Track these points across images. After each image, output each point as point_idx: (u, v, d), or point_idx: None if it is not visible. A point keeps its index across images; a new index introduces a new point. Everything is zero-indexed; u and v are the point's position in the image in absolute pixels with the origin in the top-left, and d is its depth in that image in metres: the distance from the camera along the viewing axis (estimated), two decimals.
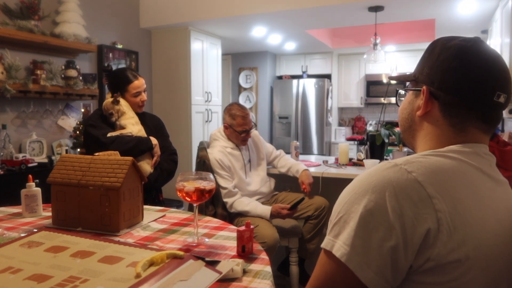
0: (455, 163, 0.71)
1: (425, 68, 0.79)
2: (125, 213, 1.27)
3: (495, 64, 0.74)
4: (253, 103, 6.18)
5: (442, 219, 0.63)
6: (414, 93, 0.82)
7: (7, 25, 2.82)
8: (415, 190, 0.64)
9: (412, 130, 0.83)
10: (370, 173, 0.69)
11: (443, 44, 0.77)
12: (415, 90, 0.81)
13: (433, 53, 0.78)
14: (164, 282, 0.83)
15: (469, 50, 0.74)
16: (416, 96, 0.81)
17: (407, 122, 0.84)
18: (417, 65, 0.82)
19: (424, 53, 0.81)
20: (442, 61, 0.75)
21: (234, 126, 2.41)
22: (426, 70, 0.78)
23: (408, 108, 0.83)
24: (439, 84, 0.75)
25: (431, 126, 0.78)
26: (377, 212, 0.64)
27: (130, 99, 2.15)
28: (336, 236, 0.66)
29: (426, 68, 0.78)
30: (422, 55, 0.82)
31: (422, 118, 0.79)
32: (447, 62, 0.74)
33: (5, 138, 2.76)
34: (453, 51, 0.75)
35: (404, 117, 0.85)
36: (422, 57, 0.82)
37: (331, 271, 0.66)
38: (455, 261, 0.63)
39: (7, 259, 0.95)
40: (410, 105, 0.83)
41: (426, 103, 0.77)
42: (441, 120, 0.76)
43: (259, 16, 3.88)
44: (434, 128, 0.78)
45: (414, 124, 0.82)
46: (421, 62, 0.81)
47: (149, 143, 2.10)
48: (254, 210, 2.28)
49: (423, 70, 0.79)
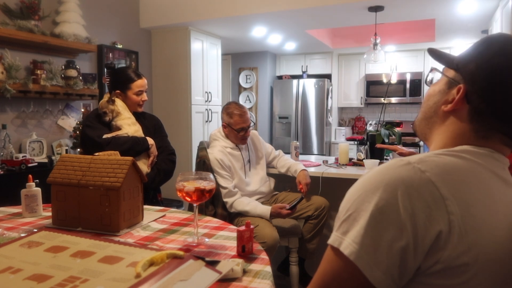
0: (469, 164, 0.69)
1: (471, 64, 0.72)
2: (125, 213, 1.27)
3: None
4: (253, 103, 6.18)
5: (454, 221, 0.61)
6: (448, 83, 0.76)
7: (7, 25, 2.82)
8: (428, 190, 0.62)
9: (432, 121, 0.79)
10: (382, 170, 0.66)
11: (502, 45, 0.70)
12: (452, 81, 0.75)
13: (487, 51, 0.71)
14: (164, 282, 0.83)
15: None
16: (449, 88, 0.75)
17: (430, 111, 0.79)
18: (464, 55, 0.75)
19: (477, 45, 0.73)
20: (492, 66, 0.69)
21: (232, 125, 2.41)
22: (471, 67, 0.71)
23: (436, 97, 0.78)
24: (479, 89, 0.70)
25: (453, 124, 0.75)
26: (389, 211, 0.62)
27: (132, 96, 2.15)
28: (344, 233, 0.64)
29: (473, 65, 0.71)
30: (473, 45, 0.74)
31: (447, 113, 0.75)
32: (499, 71, 0.68)
33: (5, 138, 2.76)
34: (509, 58, 0.68)
35: (429, 104, 0.80)
36: (472, 49, 0.74)
37: (338, 269, 0.65)
38: (463, 264, 0.62)
39: (7, 259, 0.95)
40: (439, 95, 0.77)
41: (458, 101, 0.73)
42: (466, 122, 0.73)
43: (259, 16, 3.88)
44: (456, 127, 0.74)
45: (436, 116, 0.78)
46: (470, 54, 0.74)
47: (145, 143, 2.09)
48: (254, 210, 2.29)
49: (469, 65, 0.72)
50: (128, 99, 2.15)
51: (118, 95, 2.14)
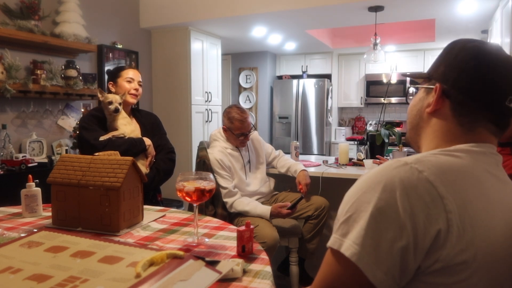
0: (464, 163, 0.70)
1: (441, 66, 0.79)
2: (125, 213, 1.27)
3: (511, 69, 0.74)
4: (253, 103, 6.18)
5: (452, 220, 0.62)
6: (425, 90, 0.82)
7: (7, 25, 2.82)
8: (426, 190, 0.63)
9: (419, 127, 0.83)
10: (380, 172, 0.67)
11: (463, 44, 0.77)
12: (427, 87, 0.81)
13: (451, 52, 0.78)
14: (164, 282, 0.83)
15: (488, 53, 0.75)
16: (427, 94, 0.81)
17: (415, 119, 0.83)
18: (433, 64, 0.82)
19: (442, 52, 0.81)
20: (460, 60, 0.75)
21: (232, 130, 2.41)
22: (442, 68, 0.78)
23: (418, 105, 0.83)
24: (453, 83, 0.75)
25: (439, 124, 0.78)
26: (388, 211, 0.62)
27: (122, 83, 2.16)
28: (344, 235, 0.65)
29: (442, 66, 0.78)
30: (439, 54, 0.82)
31: (431, 115, 0.79)
32: (464, 62, 0.75)
33: (5, 138, 2.76)
34: (472, 51, 0.75)
35: (413, 114, 0.84)
36: (439, 56, 0.81)
37: (338, 271, 0.65)
38: (462, 262, 0.63)
39: (7, 259, 0.95)
40: (420, 102, 0.82)
41: (437, 100, 0.77)
42: (450, 119, 0.76)
43: (259, 16, 3.88)
44: (442, 125, 0.78)
45: (422, 121, 0.82)
46: (438, 60, 0.81)
47: (142, 144, 2.07)
48: (254, 210, 2.29)
49: (439, 68, 0.79)
50: (119, 87, 2.15)
51: (111, 87, 2.17)
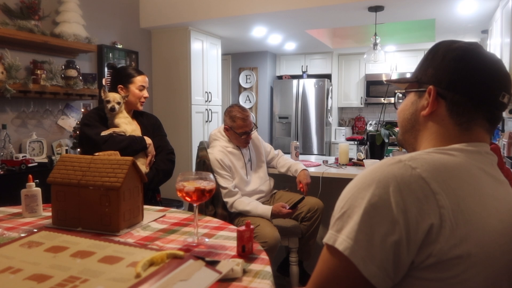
0: (459, 161, 0.71)
1: (429, 69, 0.80)
2: (125, 213, 1.27)
3: (498, 65, 0.77)
4: (253, 103, 6.18)
5: (445, 215, 0.63)
6: (417, 94, 0.82)
7: (7, 25, 2.82)
8: (419, 186, 0.64)
9: (415, 130, 0.83)
10: (374, 169, 0.69)
11: (447, 46, 0.79)
12: (419, 91, 0.82)
13: (437, 55, 0.79)
14: (164, 282, 0.83)
15: (473, 52, 0.77)
16: (419, 97, 0.82)
17: (409, 122, 0.84)
18: (418, 68, 0.83)
19: (426, 56, 0.82)
20: (449, 62, 0.77)
21: (235, 128, 2.41)
22: (430, 71, 0.79)
23: (411, 109, 0.84)
24: (447, 84, 0.76)
25: (436, 126, 0.79)
26: (381, 206, 0.64)
27: (134, 91, 2.16)
28: (339, 230, 0.67)
29: (431, 69, 0.79)
30: (423, 58, 0.83)
31: (427, 117, 0.80)
32: (454, 63, 0.76)
33: (5, 138, 2.76)
34: (459, 52, 0.77)
35: (406, 117, 0.85)
36: (424, 59, 0.83)
37: (334, 266, 0.67)
38: (456, 257, 0.63)
39: (7, 259, 0.95)
40: (414, 106, 0.83)
41: (432, 102, 0.78)
42: (447, 119, 0.77)
43: (259, 16, 3.88)
44: (439, 127, 0.79)
45: (418, 124, 0.82)
46: (424, 64, 0.82)
47: (142, 142, 2.08)
48: (254, 210, 2.28)
49: (427, 71, 0.80)
50: (131, 93, 2.15)
51: (120, 90, 2.15)
